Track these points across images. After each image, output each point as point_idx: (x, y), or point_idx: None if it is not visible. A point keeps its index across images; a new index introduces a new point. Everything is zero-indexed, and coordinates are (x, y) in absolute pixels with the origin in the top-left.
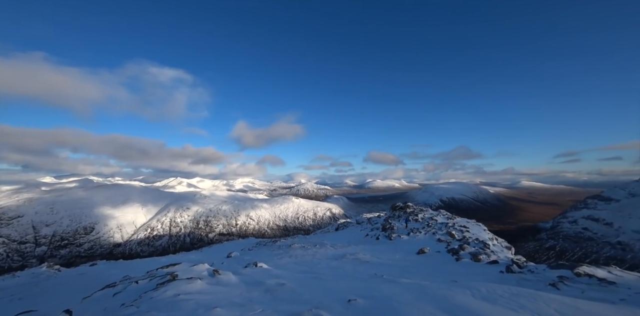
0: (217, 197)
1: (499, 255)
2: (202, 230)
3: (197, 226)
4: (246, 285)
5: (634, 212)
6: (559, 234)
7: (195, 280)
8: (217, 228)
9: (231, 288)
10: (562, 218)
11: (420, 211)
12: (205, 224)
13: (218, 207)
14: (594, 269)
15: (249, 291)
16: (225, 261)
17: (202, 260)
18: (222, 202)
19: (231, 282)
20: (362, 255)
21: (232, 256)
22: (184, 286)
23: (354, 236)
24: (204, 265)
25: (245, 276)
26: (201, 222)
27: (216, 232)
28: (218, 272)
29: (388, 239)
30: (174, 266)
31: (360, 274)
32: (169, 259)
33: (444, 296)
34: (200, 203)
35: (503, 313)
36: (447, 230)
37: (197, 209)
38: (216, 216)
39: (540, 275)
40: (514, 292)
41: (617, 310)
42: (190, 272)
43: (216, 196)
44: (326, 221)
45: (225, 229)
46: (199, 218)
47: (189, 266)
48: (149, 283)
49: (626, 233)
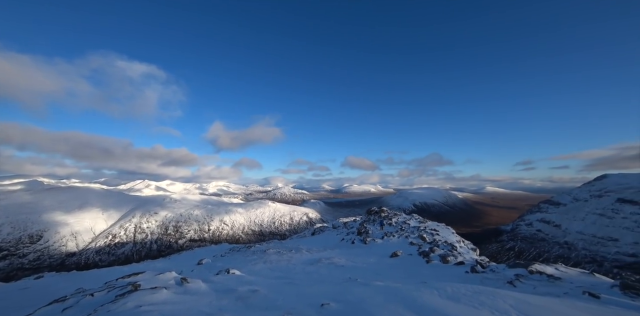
0: (189, 201)
1: (465, 256)
2: (172, 236)
3: (166, 232)
4: (217, 293)
5: (578, 215)
6: (518, 236)
7: (160, 289)
8: (187, 234)
9: (200, 297)
10: (520, 221)
11: (394, 215)
12: (174, 230)
13: (189, 211)
14: (544, 267)
15: (219, 300)
16: (195, 268)
17: (170, 268)
18: (194, 206)
19: (200, 290)
20: (338, 259)
21: (203, 263)
22: (147, 296)
23: (330, 240)
24: (171, 274)
25: (217, 283)
26: (170, 228)
27: (187, 238)
28: (186, 280)
29: (363, 243)
30: (136, 275)
31: (335, 278)
32: (131, 268)
33: (413, 297)
34: (170, 208)
35: (465, 310)
36: (419, 233)
37: (166, 214)
38: (187, 221)
39: (500, 274)
40: (476, 291)
41: (561, 303)
42: (155, 281)
43: (188, 200)
44: (303, 225)
45: (196, 235)
46: (168, 223)
47: (153, 275)
48: (107, 295)
49: (571, 234)
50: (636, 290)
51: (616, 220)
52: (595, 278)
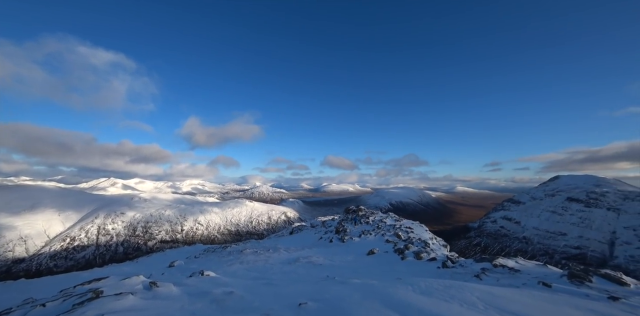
0: (160, 201)
1: (437, 252)
2: (140, 237)
3: (134, 233)
4: (190, 297)
5: (534, 212)
6: (484, 232)
7: (126, 295)
8: (158, 236)
9: (171, 302)
10: (486, 219)
11: (372, 214)
12: (143, 231)
13: (160, 211)
14: (506, 260)
15: (192, 304)
16: (166, 271)
17: (138, 271)
18: (165, 206)
19: (172, 295)
20: (316, 258)
21: (175, 265)
22: (111, 304)
23: (308, 239)
24: (139, 278)
25: (189, 286)
26: (139, 229)
27: (157, 239)
28: (156, 284)
29: (341, 241)
30: (98, 281)
31: (313, 277)
32: (93, 273)
33: (389, 293)
34: (139, 208)
35: (437, 303)
36: (394, 231)
37: (134, 214)
38: (158, 221)
39: (468, 268)
40: (447, 285)
41: (520, 292)
42: (120, 287)
43: (159, 199)
44: (281, 225)
45: (168, 236)
46: (136, 224)
47: (118, 280)
48: (62, 304)
49: (529, 230)
50: (581, 279)
51: (565, 216)
52: (547, 269)
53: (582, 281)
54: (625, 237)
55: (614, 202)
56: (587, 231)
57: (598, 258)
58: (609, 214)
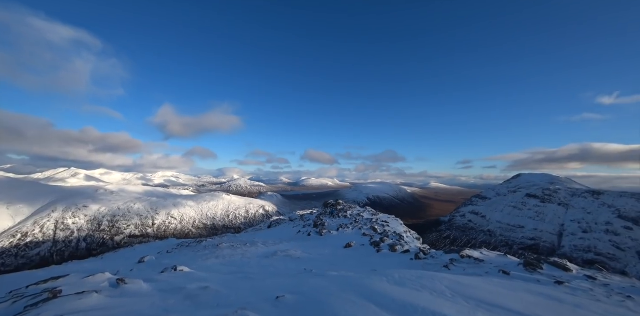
0: (129, 193)
1: (410, 245)
2: (106, 232)
3: (99, 228)
4: (161, 293)
5: (498, 207)
6: (453, 226)
7: (89, 294)
8: (126, 230)
9: (141, 299)
10: (456, 213)
11: (350, 208)
12: (110, 225)
13: (129, 204)
14: (472, 252)
15: (164, 300)
16: (135, 267)
17: (104, 268)
18: (135, 198)
19: (142, 291)
20: (294, 252)
21: (146, 261)
22: (72, 303)
23: (286, 233)
24: (104, 275)
25: (161, 283)
26: (105, 223)
27: (125, 234)
28: (124, 282)
29: (319, 235)
30: (56, 280)
31: (291, 270)
32: (49, 272)
33: (365, 284)
34: (105, 201)
35: (410, 293)
36: (371, 225)
37: (99, 208)
38: (126, 215)
39: (438, 259)
40: (418, 275)
41: (483, 280)
42: (82, 285)
43: (127, 192)
44: (259, 219)
45: (138, 230)
46: (101, 218)
47: (80, 278)
48: (12, 307)
49: (493, 223)
50: (534, 266)
51: (524, 211)
52: (507, 259)
53: (535, 268)
54: (571, 228)
55: (564, 198)
56: (541, 224)
57: (549, 248)
58: (559, 209)
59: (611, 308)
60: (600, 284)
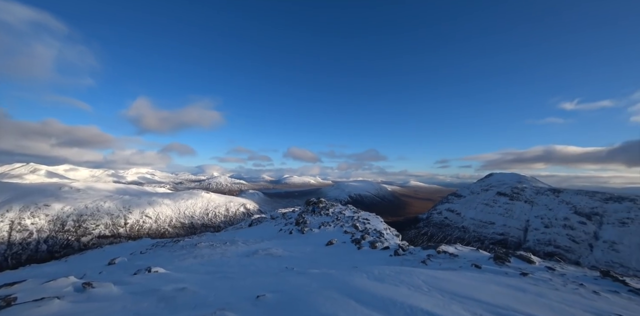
0: (98, 191)
1: (390, 241)
2: (71, 233)
3: (62, 228)
4: (134, 296)
5: (471, 205)
6: (431, 222)
7: (50, 300)
8: (95, 230)
9: (111, 303)
10: (433, 211)
11: (332, 206)
12: (76, 226)
13: (98, 203)
14: (448, 247)
15: (136, 303)
16: (105, 270)
17: (67, 272)
18: (105, 196)
19: (111, 295)
20: (275, 250)
21: (117, 262)
22: (29, 311)
23: (267, 231)
24: (68, 279)
25: (134, 285)
26: (70, 223)
27: (94, 235)
28: (90, 285)
29: (301, 233)
30: (10, 286)
31: (272, 269)
32: (2, 277)
33: (345, 281)
34: (70, 199)
35: (388, 288)
36: (352, 222)
37: (62, 207)
38: (95, 215)
39: (416, 255)
40: (397, 271)
41: (457, 274)
42: (41, 291)
43: (96, 189)
44: (239, 217)
45: (108, 230)
46: (65, 218)
47: (39, 283)
48: None
49: (466, 220)
50: (502, 260)
51: (494, 208)
52: (479, 253)
53: (504, 262)
54: (535, 224)
55: (530, 195)
56: (510, 220)
57: (516, 242)
58: (525, 206)
59: (567, 296)
60: (558, 274)
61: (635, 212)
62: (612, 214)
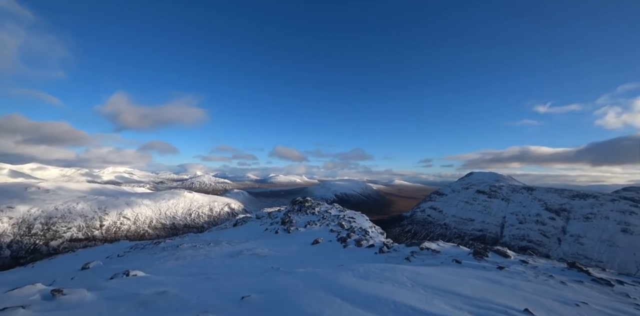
0: (70, 191)
1: (375, 239)
2: (39, 236)
3: (29, 232)
4: (110, 302)
5: (453, 202)
6: (414, 220)
7: (14, 310)
8: (66, 233)
9: (84, 310)
10: (417, 209)
11: (318, 205)
12: (44, 229)
13: (70, 204)
14: (430, 244)
15: (113, 309)
16: (78, 275)
17: (35, 278)
18: (78, 197)
19: (84, 302)
20: (260, 250)
21: (91, 267)
22: None
23: (252, 231)
24: (34, 286)
25: (110, 290)
26: (37, 226)
27: (65, 238)
28: (61, 292)
29: (287, 232)
30: None
31: (258, 269)
32: None
33: (331, 279)
34: (37, 200)
35: (373, 285)
36: (338, 221)
37: (28, 209)
38: (66, 217)
39: (400, 252)
40: (382, 268)
41: (439, 269)
42: (5, 300)
43: (68, 190)
44: (224, 217)
45: (81, 233)
46: (32, 221)
47: (1, 292)
48: None
49: (448, 217)
50: (481, 255)
51: (474, 206)
52: (460, 249)
53: (482, 257)
54: (511, 220)
55: (506, 193)
56: (488, 217)
57: (493, 238)
58: (502, 203)
59: (538, 287)
60: (531, 267)
61: (597, 207)
62: (577, 210)
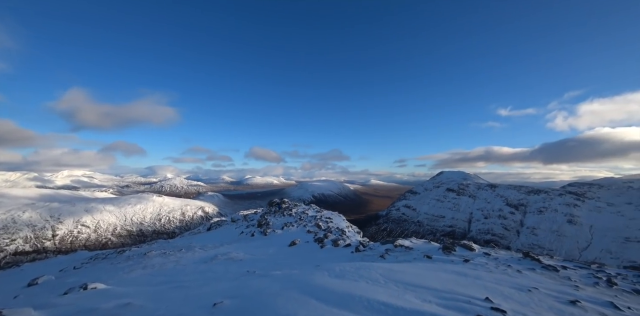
0: (14, 199)
1: (351, 239)
2: None
3: None
4: None
5: (425, 200)
6: (390, 218)
7: None
8: (9, 246)
9: None
10: (392, 207)
11: (295, 206)
12: None
13: (14, 213)
14: (404, 241)
15: None
16: (23, 292)
17: None
18: (24, 205)
19: None
20: (236, 254)
21: (40, 282)
22: None
23: (227, 235)
24: None
25: (63, 307)
26: None
27: (7, 252)
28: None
29: (263, 235)
30: None
31: (232, 274)
32: None
33: (307, 280)
34: None
35: (348, 284)
36: (315, 222)
37: None
38: (9, 227)
39: (376, 250)
40: (357, 266)
41: (411, 265)
42: None
43: (11, 197)
44: (197, 221)
45: (29, 245)
46: None
47: None
48: None
49: (421, 215)
50: (449, 249)
51: (444, 203)
52: (431, 245)
53: (450, 251)
54: (477, 215)
55: (473, 191)
56: (457, 213)
57: (462, 233)
58: (469, 200)
59: (498, 276)
60: (493, 258)
61: (548, 202)
62: (532, 204)
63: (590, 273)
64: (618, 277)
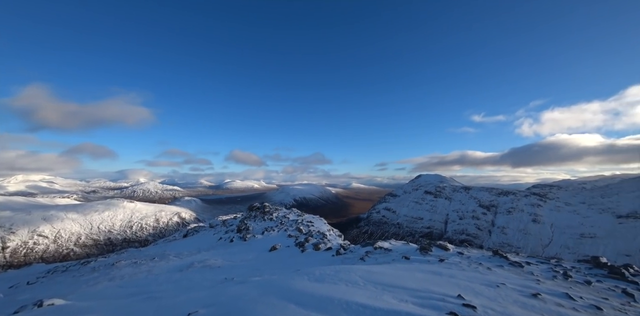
0: None
1: (332, 242)
2: None
3: None
4: None
5: (404, 203)
6: (370, 221)
7: None
8: None
9: None
10: (372, 210)
11: (276, 210)
12: None
13: None
14: (383, 243)
15: None
16: None
17: None
18: None
19: None
20: (213, 261)
21: None
22: None
23: (205, 241)
24: None
25: None
26: None
27: None
28: None
29: (243, 240)
30: None
31: (209, 282)
32: None
33: (287, 285)
34: None
35: (327, 287)
36: (296, 226)
37: None
38: None
39: (356, 253)
40: (337, 270)
41: (390, 266)
42: None
43: None
44: (173, 227)
45: None
46: None
47: None
48: None
49: (400, 217)
50: (426, 250)
51: (422, 205)
52: (409, 246)
53: (427, 251)
54: (452, 217)
55: (449, 193)
56: (434, 215)
57: (439, 234)
58: (445, 202)
59: (470, 274)
60: (466, 257)
61: (516, 202)
62: (502, 205)
63: (549, 268)
64: (573, 270)
